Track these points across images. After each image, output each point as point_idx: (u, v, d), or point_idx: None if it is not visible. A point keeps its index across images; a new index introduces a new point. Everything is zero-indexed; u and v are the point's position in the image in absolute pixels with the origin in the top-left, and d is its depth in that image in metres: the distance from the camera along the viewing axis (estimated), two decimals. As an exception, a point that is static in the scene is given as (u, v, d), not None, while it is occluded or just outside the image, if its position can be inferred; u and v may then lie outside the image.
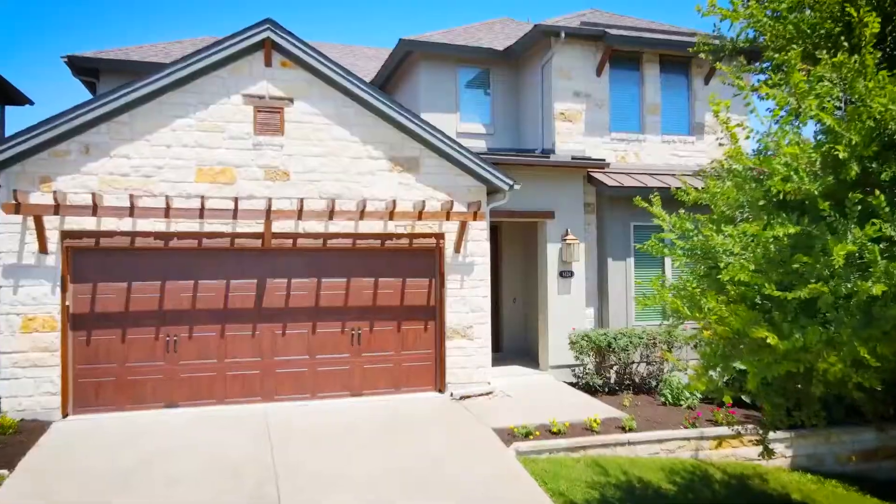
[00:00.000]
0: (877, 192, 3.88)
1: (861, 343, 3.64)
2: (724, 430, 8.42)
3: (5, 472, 6.50)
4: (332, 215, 8.97)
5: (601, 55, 12.00)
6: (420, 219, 9.36)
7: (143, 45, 14.15)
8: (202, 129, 8.78)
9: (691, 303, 4.56)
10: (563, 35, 11.63)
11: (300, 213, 8.82)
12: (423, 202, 9.31)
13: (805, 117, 4.01)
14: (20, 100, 15.41)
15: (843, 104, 4.23)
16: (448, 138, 9.56)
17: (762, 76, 5.59)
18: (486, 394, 9.67)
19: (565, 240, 11.12)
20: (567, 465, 7.44)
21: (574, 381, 10.66)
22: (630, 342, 10.19)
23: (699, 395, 9.50)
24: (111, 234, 8.44)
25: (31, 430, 7.69)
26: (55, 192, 7.98)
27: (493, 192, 9.96)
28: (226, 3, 43.10)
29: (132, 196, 8.24)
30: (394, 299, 9.65)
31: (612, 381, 10.41)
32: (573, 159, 11.26)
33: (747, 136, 4.38)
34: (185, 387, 8.79)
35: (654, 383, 10.45)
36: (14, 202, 7.75)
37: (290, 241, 9.11)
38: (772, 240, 3.90)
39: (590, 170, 11.44)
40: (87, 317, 8.48)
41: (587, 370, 10.40)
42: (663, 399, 9.79)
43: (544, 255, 11.31)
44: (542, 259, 11.43)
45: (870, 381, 3.84)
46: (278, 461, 6.93)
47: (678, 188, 5.49)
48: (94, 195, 8.11)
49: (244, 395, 8.99)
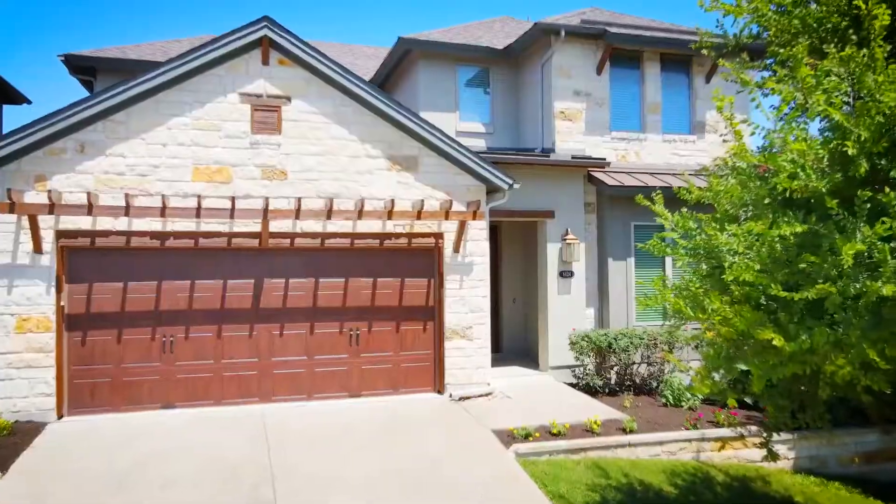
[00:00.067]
0: (887, 189, 3.78)
1: (870, 345, 3.55)
2: (725, 432, 8.36)
3: (-1, 473, 6.43)
4: (329, 215, 8.89)
5: (601, 53, 11.92)
6: (419, 218, 9.27)
7: (141, 44, 14.07)
8: (198, 128, 8.70)
9: (694, 303, 4.46)
10: (563, 33, 11.55)
11: (298, 213, 8.74)
12: (422, 201, 9.23)
13: (813, 113, 3.90)
14: (18, 99, 15.34)
15: (851, 99, 4.13)
16: (447, 137, 9.48)
17: (766, 73, 5.48)
18: (486, 395, 9.58)
19: (565, 239, 11.04)
20: (567, 467, 7.37)
21: (574, 381, 10.58)
22: (631, 343, 10.11)
23: (700, 396, 9.42)
24: (107, 234, 8.36)
25: (25, 432, 7.62)
26: (50, 191, 7.89)
27: (492, 191, 9.88)
28: (225, 2, 43.05)
29: (128, 195, 8.17)
30: (392, 299, 9.57)
31: (613, 381, 10.33)
32: (573, 158, 11.19)
33: (753, 133, 4.29)
34: (182, 388, 8.71)
35: (654, 384, 10.37)
36: (8, 201, 7.68)
37: (288, 240, 9.02)
38: (778, 239, 3.80)
39: (590, 169, 11.36)
40: (83, 317, 8.40)
41: (587, 371, 10.33)
42: (664, 400, 9.72)
43: (544, 254, 11.24)
44: (541, 259, 11.35)
45: (879, 385, 3.75)
46: (275, 463, 6.88)
47: (681, 187, 5.41)
48: (89, 194, 8.02)
49: (241, 395, 8.91)
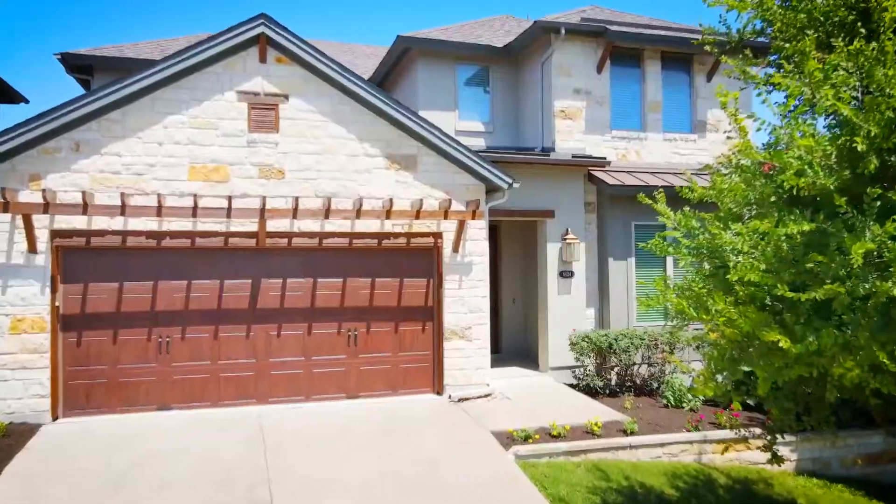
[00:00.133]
0: None
1: (879, 347, 3.45)
2: (727, 434, 8.26)
3: (-8, 476, 6.35)
4: (327, 214, 8.80)
5: (602, 52, 11.84)
6: (418, 218, 9.18)
7: (139, 43, 13.97)
8: (195, 127, 8.61)
9: (697, 304, 4.37)
10: (563, 31, 11.46)
11: (295, 212, 8.65)
12: (421, 201, 9.14)
13: (821, 108, 3.79)
14: (16, 98, 15.20)
15: (859, 94, 4.03)
16: (446, 136, 9.39)
17: (769, 69, 5.39)
18: (485, 396, 9.50)
19: (565, 239, 10.96)
20: (567, 469, 7.28)
21: (574, 382, 10.50)
22: (631, 343, 10.03)
23: (701, 398, 9.33)
24: (102, 234, 8.28)
25: (19, 433, 7.53)
26: (44, 191, 7.80)
27: (492, 190, 9.80)
28: (224, 1, 42.96)
29: (123, 194, 8.07)
30: (391, 300, 9.48)
31: (613, 382, 10.25)
32: (573, 157, 11.11)
33: (759, 129, 4.20)
34: (178, 389, 8.62)
35: (655, 385, 10.29)
36: (2, 200, 7.61)
37: (285, 240, 8.94)
38: (784, 238, 3.71)
39: (590, 168, 11.28)
40: (78, 317, 8.31)
41: (588, 372, 10.24)
42: (665, 401, 9.64)
43: (544, 254, 11.15)
44: (541, 259, 11.26)
45: (888, 388, 3.65)
46: (272, 464, 6.80)
47: (683, 186, 5.32)
48: (84, 193, 7.94)
49: (238, 397, 8.82)
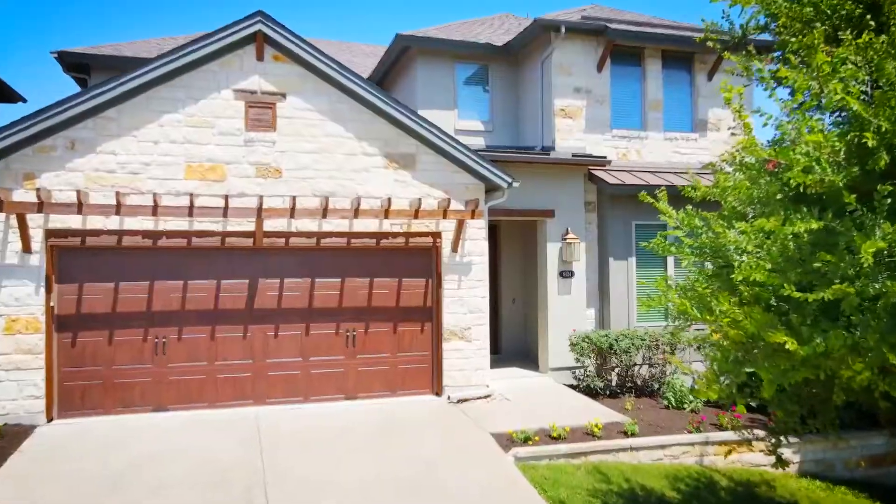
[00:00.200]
0: None
1: (889, 349, 3.34)
2: (729, 435, 8.18)
3: (-15, 478, 6.29)
4: (325, 213, 8.72)
5: (602, 50, 11.75)
6: (416, 217, 9.09)
7: (136, 41, 13.90)
8: (191, 125, 8.53)
9: (700, 304, 4.28)
10: (563, 30, 11.37)
11: (293, 212, 8.57)
12: (420, 200, 9.05)
13: (830, 102, 3.70)
14: (13, 97, 15.12)
15: (869, 89, 3.94)
16: (445, 134, 9.31)
17: (773, 66, 5.30)
18: (485, 397, 9.42)
19: (566, 239, 10.87)
20: (567, 471, 7.20)
21: (574, 383, 10.42)
22: (632, 344, 9.94)
23: (702, 399, 9.24)
24: (97, 233, 8.19)
25: (13, 435, 7.47)
26: (39, 190, 7.71)
27: (491, 189, 9.71)
28: (223, 0, 42.87)
29: (119, 194, 8.00)
30: (389, 300, 9.40)
31: (614, 383, 10.17)
32: (573, 156, 11.02)
33: (765, 124, 4.11)
34: (175, 390, 8.54)
35: (656, 386, 10.21)
36: (-4, 199, 7.52)
37: (283, 240, 8.85)
38: (791, 236, 3.62)
39: (590, 167, 11.19)
40: (73, 318, 8.23)
41: (588, 372, 10.16)
42: (666, 402, 9.56)
43: (544, 254, 11.07)
44: (541, 259, 11.18)
45: (899, 391, 3.57)
46: (268, 466, 6.72)
47: (686, 185, 5.23)
48: (79, 193, 7.85)
49: (235, 398, 8.74)
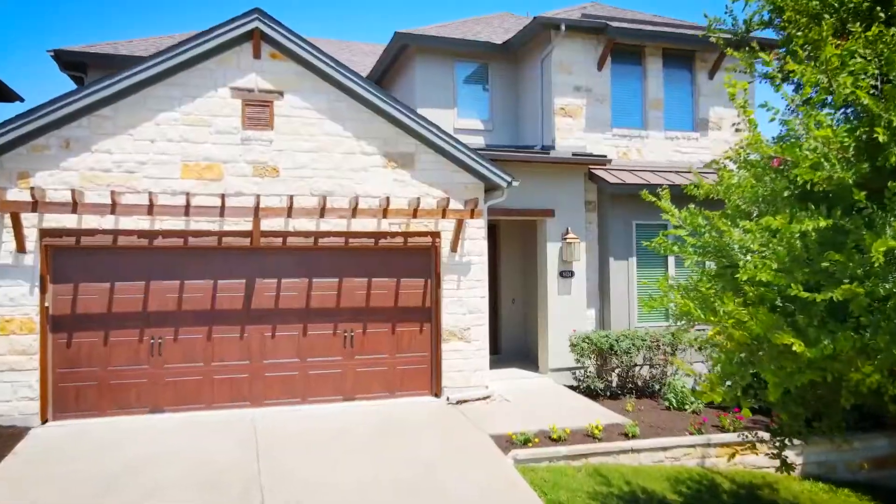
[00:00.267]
0: None
1: (901, 351, 3.27)
2: (731, 437, 8.10)
3: (-23, 481, 6.20)
4: (323, 213, 8.63)
5: (602, 49, 11.67)
6: (415, 216, 9.00)
7: (133, 40, 13.81)
8: (188, 124, 8.44)
9: (703, 305, 4.19)
10: (563, 28, 11.28)
11: (290, 211, 8.48)
12: (419, 199, 8.96)
13: (839, 96, 3.60)
14: (11, 97, 15.04)
15: (878, 83, 3.85)
16: (444, 133, 9.22)
17: (776, 62, 5.21)
18: (484, 398, 9.33)
19: (566, 238, 10.79)
20: (567, 474, 7.12)
21: (575, 384, 10.33)
22: (633, 344, 9.86)
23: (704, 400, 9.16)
24: (92, 233, 8.11)
25: (7, 437, 7.38)
26: (33, 189, 7.62)
27: (491, 189, 9.63)
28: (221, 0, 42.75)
29: (114, 193, 7.91)
30: (388, 300, 9.31)
31: (614, 384, 10.09)
32: (574, 156, 10.93)
33: (772, 119, 4.02)
34: (171, 391, 8.45)
35: (657, 387, 10.13)
36: (-10, 199, 7.44)
37: (280, 239, 8.76)
38: (798, 235, 3.53)
39: (591, 166, 11.11)
40: (68, 318, 8.14)
41: (588, 373, 10.08)
42: (667, 403, 9.48)
43: (544, 254, 10.98)
44: (541, 258, 11.09)
45: (910, 394, 3.48)
46: (265, 468, 6.64)
47: (689, 183, 5.14)
48: (74, 192, 7.75)
49: (232, 399, 8.65)
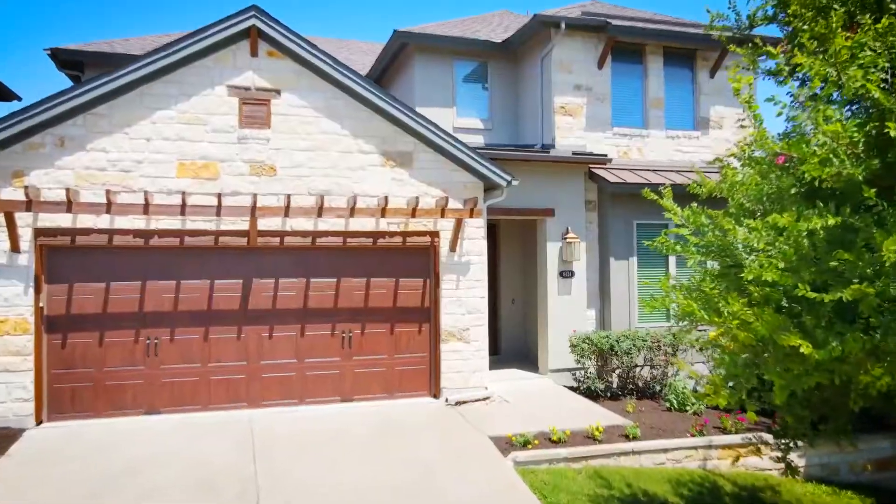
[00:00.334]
0: None
1: (912, 353, 3.18)
2: (733, 439, 8.03)
3: (-31, 484, 6.13)
4: (320, 212, 8.54)
5: (603, 47, 11.58)
6: (414, 216, 8.91)
7: (130, 38, 13.74)
8: (184, 122, 8.35)
9: (707, 305, 4.10)
10: (563, 26, 11.20)
11: (287, 210, 8.39)
12: (417, 198, 8.87)
13: (849, 89, 3.52)
14: (8, 96, 14.95)
15: (889, 76, 3.76)
16: (443, 132, 9.14)
17: (780, 60, 5.12)
18: (483, 399, 9.25)
19: (566, 238, 10.70)
20: (568, 476, 7.04)
21: (575, 385, 10.25)
22: (633, 345, 9.78)
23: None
24: (88, 232, 8.02)
25: (1, 439, 7.30)
26: (27, 188, 7.52)
27: (490, 188, 9.54)
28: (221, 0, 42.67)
29: (109, 192, 7.82)
30: (386, 300, 9.22)
31: (615, 385, 10.01)
32: (574, 155, 10.85)
33: (780, 113, 3.94)
34: (167, 392, 8.36)
35: (658, 388, 10.05)
36: (-17, 198, 7.35)
37: (277, 239, 8.68)
38: (805, 233, 3.44)
39: (591, 165, 11.03)
40: (63, 319, 8.05)
41: (588, 374, 10.00)
42: (668, 404, 9.41)
43: (544, 254, 10.90)
44: (541, 258, 11.01)
45: (921, 397, 3.39)
46: (262, 470, 6.56)
47: (692, 182, 5.05)
48: (68, 191, 7.66)
49: (229, 400, 8.57)
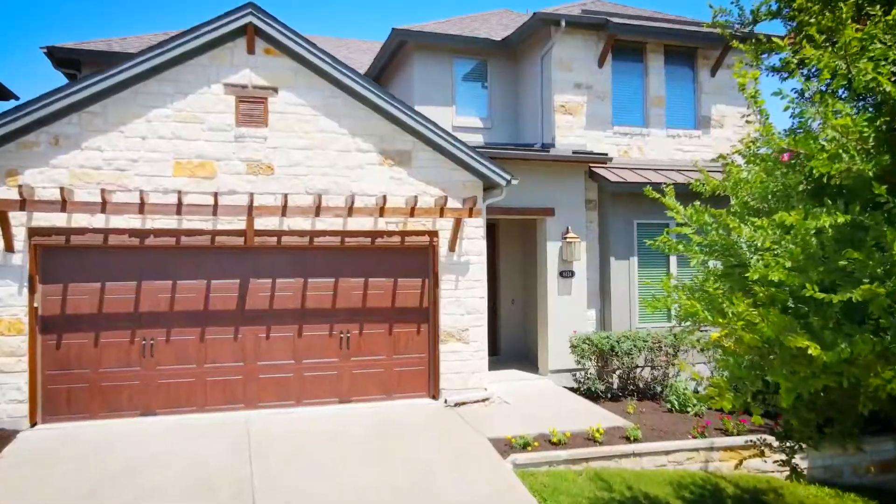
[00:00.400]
0: None
1: (924, 355, 3.09)
2: (735, 440, 7.94)
3: (-39, 486, 6.05)
4: (318, 211, 8.45)
5: (603, 45, 11.49)
6: (412, 215, 8.83)
7: (128, 37, 13.65)
8: (180, 120, 8.27)
9: (710, 305, 4.02)
10: (563, 24, 11.11)
11: (284, 210, 8.31)
12: (416, 198, 8.78)
13: (859, 82, 3.43)
14: (6, 95, 14.90)
15: None
16: (442, 130, 9.05)
17: (783, 55, 5.04)
18: (483, 400, 9.16)
19: (566, 238, 10.62)
20: (568, 478, 6.95)
21: (575, 386, 10.16)
22: (634, 346, 9.70)
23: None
24: (83, 232, 7.93)
25: (-5, 440, 7.24)
26: (21, 186, 7.43)
27: (489, 187, 9.46)
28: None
29: (104, 191, 7.74)
30: (385, 300, 9.14)
31: (615, 386, 9.93)
32: (574, 154, 10.76)
33: (787, 108, 3.84)
34: (163, 393, 8.28)
35: (658, 389, 9.97)
36: (-24, 197, 7.27)
37: (275, 238, 8.59)
38: (813, 232, 3.35)
39: (591, 165, 10.94)
40: (58, 319, 7.97)
41: (589, 375, 9.91)
42: (669, 406, 9.32)
43: (544, 254, 10.81)
44: (541, 258, 10.92)
45: (933, 400, 3.30)
46: (258, 473, 6.48)
47: (694, 180, 4.97)
48: (63, 190, 7.57)
49: (226, 401, 8.49)
